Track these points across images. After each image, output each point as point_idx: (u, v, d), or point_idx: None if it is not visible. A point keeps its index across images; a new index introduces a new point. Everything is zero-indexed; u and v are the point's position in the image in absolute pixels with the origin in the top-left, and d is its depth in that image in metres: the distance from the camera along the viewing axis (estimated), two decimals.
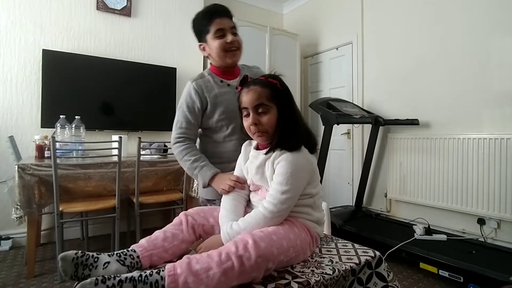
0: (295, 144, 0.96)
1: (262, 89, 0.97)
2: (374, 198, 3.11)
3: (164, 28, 3.12)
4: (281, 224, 0.93)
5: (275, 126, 0.97)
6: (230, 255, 0.76)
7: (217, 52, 1.25)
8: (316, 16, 3.77)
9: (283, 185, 0.91)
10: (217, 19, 1.24)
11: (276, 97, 0.97)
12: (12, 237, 2.42)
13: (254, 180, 1.04)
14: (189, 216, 1.01)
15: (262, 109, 0.97)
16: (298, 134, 0.97)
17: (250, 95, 0.97)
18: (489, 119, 2.28)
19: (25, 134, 2.49)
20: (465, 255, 1.95)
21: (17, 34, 2.47)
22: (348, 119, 2.57)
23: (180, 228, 0.97)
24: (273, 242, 0.83)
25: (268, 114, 0.97)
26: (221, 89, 1.29)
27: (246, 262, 0.76)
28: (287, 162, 0.93)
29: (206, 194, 1.32)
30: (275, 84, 0.99)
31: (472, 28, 2.36)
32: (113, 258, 0.84)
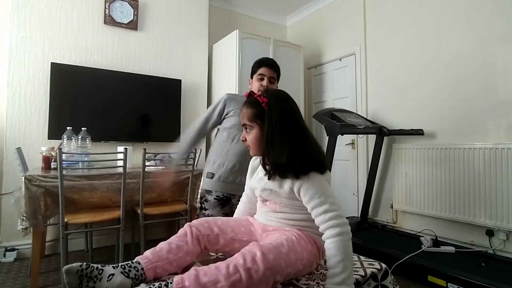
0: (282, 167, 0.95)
1: (246, 110, 1.03)
2: (380, 209, 3.07)
3: (169, 41, 3.17)
4: (288, 236, 0.93)
5: (257, 143, 1.02)
6: (238, 268, 0.76)
7: (253, 89, 1.64)
8: (319, 28, 3.82)
9: (323, 203, 0.91)
10: (263, 67, 1.65)
11: (258, 116, 1.00)
12: (17, 249, 2.42)
13: (263, 196, 1.07)
14: (193, 227, 1.00)
15: (248, 128, 1.05)
16: (285, 153, 0.94)
17: (240, 115, 1.07)
18: (495, 128, 2.27)
19: (32, 145, 2.52)
20: (475, 267, 1.91)
21: (26, 48, 2.54)
22: (352, 130, 2.57)
23: (185, 239, 0.97)
24: (281, 254, 0.83)
25: (250, 133, 1.04)
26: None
27: (254, 274, 0.76)
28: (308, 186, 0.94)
29: (206, 185, 1.63)
30: (260, 103, 1.00)
31: (476, 38, 2.37)
32: (117, 270, 0.84)
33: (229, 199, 1.62)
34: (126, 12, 2.93)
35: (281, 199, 1.02)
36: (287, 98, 1.05)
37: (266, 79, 1.63)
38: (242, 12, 3.94)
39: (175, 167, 1.75)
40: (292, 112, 1.02)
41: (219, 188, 1.60)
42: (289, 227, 1.00)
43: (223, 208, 1.62)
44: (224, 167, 1.60)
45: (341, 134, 2.50)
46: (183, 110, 3.12)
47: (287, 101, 1.04)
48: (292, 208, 1.01)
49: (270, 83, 1.64)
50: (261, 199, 1.09)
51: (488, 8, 2.30)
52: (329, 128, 2.56)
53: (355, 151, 3.36)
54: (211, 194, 1.61)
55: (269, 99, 1.00)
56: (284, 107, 1.01)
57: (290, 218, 1.01)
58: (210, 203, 1.61)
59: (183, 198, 2.52)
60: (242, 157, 1.57)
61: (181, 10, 3.24)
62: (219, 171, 1.60)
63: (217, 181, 1.60)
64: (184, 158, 1.77)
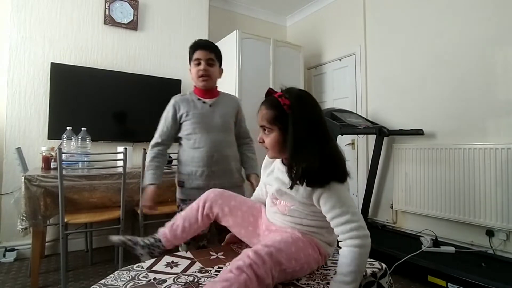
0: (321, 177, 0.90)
1: (266, 111, 0.97)
2: (380, 209, 3.07)
3: (169, 41, 3.18)
4: (283, 236, 0.94)
5: (276, 147, 0.97)
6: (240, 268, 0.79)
7: (193, 76, 1.57)
8: (319, 28, 3.82)
9: (345, 213, 0.88)
10: (197, 50, 1.53)
11: (279, 119, 0.94)
12: (17, 249, 2.42)
13: (276, 195, 1.04)
14: (207, 203, 1.13)
15: (267, 130, 0.98)
16: (315, 160, 0.89)
17: (259, 115, 0.99)
18: (495, 128, 2.27)
19: (32, 145, 2.52)
20: (475, 267, 1.92)
21: (26, 48, 2.54)
22: (352, 130, 2.57)
23: (196, 216, 1.13)
24: (273, 251, 0.86)
25: (269, 135, 0.97)
26: (196, 105, 1.55)
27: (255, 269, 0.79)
28: (329, 195, 0.90)
29: (180, 195, 1.57)
30: (282, 105, 0.93)
31: (476, 38, 2.37)
32: (145, 251, 1.08)
33: None
34: (126, 12, 2.93)
35: (294, 202, 0.99)
36: (310, 100, 0.97)
37: (203, 62, 1.52)
38: (242, 12, 3.95)
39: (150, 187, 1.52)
40: (317, 117, 0.96)
41: (192, 197, 1.43)
42: (293, 230, 0.99)
43: None
44: (193, 175, 1.50)
45: (341, 134, 2.50)
46: None
47: (311, 103, 0.97)
48: (302, 213, 0.99)
49: (208, 65, 1.53)
50: (272, 197, 1.07)
51: (488, 9, 2.31)
52: (329, 128, 2.55)
53: (355, 151, 3.36)
54: (186, 203, 1.48)
55: (292, 101, 0.93)
56: (308, 111, 0.94)
57: (297, 223, 0.99)
58: None
59: None
60: (207, 161, 1.49)
61: (181, 10, 3.24)
62: (189, 179, 1.52)
63: (189, 189, 1.52)
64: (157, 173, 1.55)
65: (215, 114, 1.56)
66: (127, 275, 0.95)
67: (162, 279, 0.92)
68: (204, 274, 0.96)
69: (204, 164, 1.49)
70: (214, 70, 1.57)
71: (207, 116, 1.54)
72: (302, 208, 0.98)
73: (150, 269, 0.99)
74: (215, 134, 1.53)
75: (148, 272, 0.97)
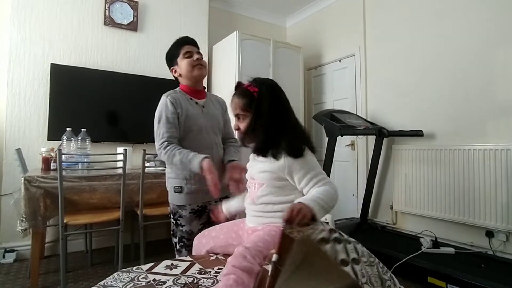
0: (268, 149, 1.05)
1: (238, 100, 1.11)
2: (380, 210, 3.07)
3: (169, 42, 3.09)
4: (265, 230, 1.02)
5: (250, 130, 1.09)
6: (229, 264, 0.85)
7: (186, 67, 1.49)
8: (319, 29, 3.82)
9: (316, 176, 1.01)
10: (185, 45, 1.53)
11: (250, 105, 1.08)
12: (16, 250, 2.42)
13: (250, 173, 1.16)
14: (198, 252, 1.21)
15: (240, 117, 1.12)
16: (270, 133, 1.05)
17: (232, 105, 1.13)
18: (495, 129, 2.27)
19: (32, 146, 2.52)
20: (474, 268, 1.91)
21: (26, 49, 2.54)
22: (352, 131, 2.57)
23: None
24: (260, 242, 0.94)
25: (244, 121, 1.11)
26: (191, 106, 1.50)
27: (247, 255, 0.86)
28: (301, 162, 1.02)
29: (177, 200, 1.46)
30: (251, 92, 1.08)
31: (476, 39, 2.38)
32: None
33: (205, 207, 1.50)
34: (126, 13, 2.93)
35: (264, 180, 1.07)
36: (275, 86, 1.13)
37: (195, 53, 1.52)
38: (242, 13, 3.95)
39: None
40: (280, 99, 1.11)
41: (192, 201, 1.45)
42: (267, 219, 1.07)
43: (200, 219, 1.48)
44: (191, 179, 1.43)
45: (341, 135, 2.50)
46: None
47: (276, 88, 1.13)
48: (269, 195, 1.07)
49: (199, 54, 1.54)
50: (248, 185, 1.17)
51: (487, 10, 2.31)
52: (328, 129, 2.56)
53: (355, 152, 3.36)
54: (185, 209, 1.45)
55: (260, 88, 1.09)
56: (273, 95, 1.10)
57: (266, 211, 1.08)
58: (185, 219, 1.46)
59: None
60: (217, 169, 1.39)
61: (181, 11, 3.25)
62: (187, 184, 1.44)
63: (188, 194, 1.45)
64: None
65: (208, 115, 1.54)
66: (127, 277, 0.95)
67: (162, 281, 0.92)
68: (203, 275, 0.96)
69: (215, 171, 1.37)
70: (205, 63, 1.56)
71: (202, 118, 1.50)
72: (270, 186, 1.06)
73: (150, 270, 0.99)
74: (212, 136, 1.52)
75: (147, 274, 0.97)
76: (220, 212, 1.29)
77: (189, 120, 1.46)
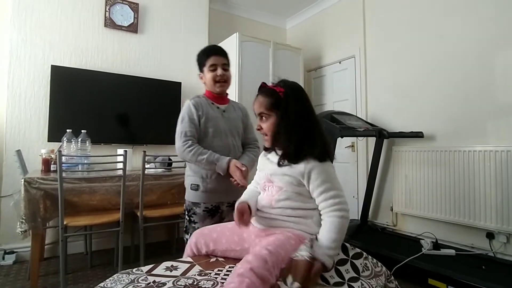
0: (297, 153, 1.01)
1: (263, 99, 1.08)
2: (380, 212, 3.07)
3: (169, 44, 3.18)
4: (277, 236, 0.98)
5: (273, 131, 1.06)
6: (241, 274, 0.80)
7: (209, 81, 1.57)
8: (319, 30, 3.83)
9: (333, 189, 0.99)
10: (212, 56, 1.56)
11: (276, 105, 1.05)
12: (16, 251, 2.41)
13: (268, 175, 1.10)
14: (193, 249, 1.16)
15: (264, 116, 1.09)
16: (295, 141, 1.01)
17: (256, 104, 1.10)
18: (495, 131, 2.27)
19: (32, 148, 2.52)
20: (475, 270, 1.91)
21: (27, 51, 2.54)
22: (352, 132, 2.57)
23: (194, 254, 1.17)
24: (273, 251, 0.88)
25: (267, 121, 1.08)
26: (212, 110, 1.58)
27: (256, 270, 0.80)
28: (320, 169, 1.00)
29: (192, 198, 1.54)
30: (277, 92, 1.05)
31: (476, 40, 2.38)
32: None
33: (218, 207, 1.56)
34: (127, 15, 2.94)
35: (283, 184, 1.04)
36: (301, 90, 1.11)
37: (220, 67, 1.56)
38: (242, 15, 3.96)
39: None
40: (306, 103, 1.08)
41: (207, 200, 1.52)
42: (284, 223, 1.04)
43: (212, 218, 1.54)
44: (208, 178, 1.50)
45: (341, 136, 2.50)
46: None
47: (302, 92, 1.10)
48: (289, 200, 1.04)
49: (224, 70, 1.57)
50: (262, 185, 1.13)
51: (487, 11, 2.31)
52: (329, 131, 2.55)
53: (355, 153, 3.36)
54: (199, 207, 1.53)
55: (286, 89, 1.06)
56: (299, 98, 1.07)
57: (284, 214, 1.05)
58: (199, 216, 1.53)
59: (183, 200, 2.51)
60: None
61: (181, 13, 3.25)
62: (203, 182, 1.51)
63: (204, 193, 1.52)
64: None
65: (228, 120, 1.61)
66: (127, 278, 0.94)
67: (162, 282, 0.91)
68: (203, 277, 0.96)
69: (242, 166, 1.46)
70: (229, 74, 1.62)
71: (222, 122, 1.58)
72: (290, 192, 1.03)
73: (150, 272, 0.99)
74: (230, 139, 1.58)
75: (147, 275, 0.97)
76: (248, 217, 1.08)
77: (208, 122, 1.54)
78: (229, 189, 1.48)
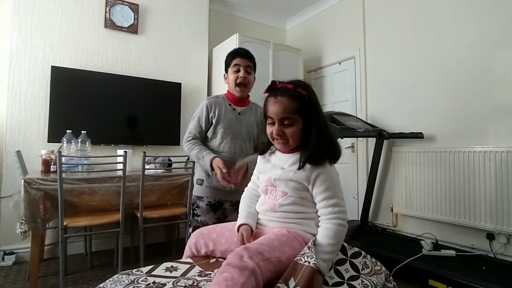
0: (321, 157, 0.99)
1: (289, 102, 0.98)
2: (380, 213, 3.07)
3: (169, 45, 3.19)
4: (265, 237, 0.97)
5: (298, 137, 1.01)
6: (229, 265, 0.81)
7: (231, 83, 1.60)
8: (319, 31, 3.83)
9: (335, 197, 0.99)
10: (237, 57, 1.59)
11: (302, 109, 0.99)
12: (16, 252, 2.41)
13: (272, 180, 1.05)
14: (193, 249, 1.14)
15: (288, 121, 1.00)
16: (322, 146, 0.99)
17: (277, 107, 0.99)
18: (495, 131, 2.27)
19: (32, 148, 2.52)
20: (475, 271, 1.91)
21: (27, 52, 2.54)
22: (352, 133, 2.57)
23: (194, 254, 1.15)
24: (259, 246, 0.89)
25: (293, 126, 1.00)
26: (227, 111, 1.60)
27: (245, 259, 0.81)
28: (326, 176, 0.99)
29: (197, 192, 1.61)
30: (303, 95, 0.99)
31: (476, 41, 2.38)
32: None
33: (221, 204, 1.60)
34: (127, 16, 2.94)
35: (287, 189, 1.02)
36: (313, 90, 1.08)
37: (243, 69, 1.58)
38: (242, 16, 3.96)
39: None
40: (319, 104, 1.06)
41: (210, 194, 1.58)
42: (286, 225, 1.03)
43: (215, 213, 1.59)
44: (213, 175, 1.51)
45: (341, 137, 2.50)
46: (183, 113, 3.12)
47: (314, 92, 1.06)
48: (292, 205, 1.02)
49: (247, 73, 1.59)
50: (264, 189, 1.10)
51: (488, 12, 2.32)
52: None
53: (355, 154, 3.36)
54: (202, 200, 1.58)
55: (308, 91, 1.01)
56: (316, 100, 1.05)
57: (287, 217, 1.03)
58: (202, 209, 1.58)
59: (183, 201, 2.52)
60: (228, 164, 1.47)
61: (181, 14, 3.26)
62: (208, 178, 1.56)
63: (208, 188, 1.57)
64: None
65: (242, 123, 1.61)
66: (126, 279, 0.94)
67: (162, 283, 0.91)
68: (203, 277, 0.96)
69: (223, 167, 1.46)
70: (251, 78, 1.63)
71: (235, 123, 1.59)
72: (294, 197, 1.02)
73: (150, 273, 0.99)
74: (239, 142, 1.58)
75: (147, 276, 0.96)
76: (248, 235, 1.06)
77: (220, 123, 1.57)
78: (232, 189, 1.49)
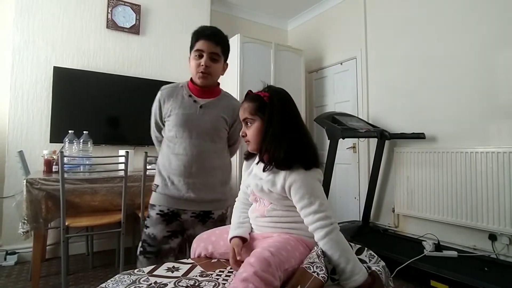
0: (285, 160, 0.96)
1: (248, 104, 1.04)
2: (382, 213, 3.06)
3: (171, 45, 3.19)
4: (276, 238, 0.96)
5: (258, 136, 1.02)
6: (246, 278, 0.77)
7: (192, 70, 1.35)
8: (320, 32, 3.83)
9: (312, 204, 0.93)
10: (201, 39, 1.29)
11: (261, 110, 1.02)
12: (18, 252, 2.42)
13: (254, 191, 1.06)
14: (195, 254, 1.15)
15: (249, 122, 1.05)
16: (285, 147, 0.97)
17: (240, 111, 1.07)
18: (496, 132, 2.26)
19: (34, 149, 2.52)
20: (477, 272, 1.90)
21: (30, 52, 2.55)
22: (353, 133, 2.57)
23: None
24: (275, 252, 0.86)
25: (251, 126, 1.04)
26: (184, 103, 1.35)
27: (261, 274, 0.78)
28: (300, 183, 0.95)
29: (151, 199, 1.39)
30: (262, 97, 1.03)
31: (477, 41, 2.38)
32: None
33: (177, 215, 1.34)
34: (129, 17, 2.95)
35: (271, 199, 1.02)
36: (287, 94, 1.08)
37: (206, 56, 1.28)
38: (244, 16, 3.96)
39: None
40: (291, 108, 1.05)
41: (163, 202, 1.33)
42: (278, 230, 1.02)
43: (168, 225, 1.33)
44: (169, 182, 1.32)
45: (342, 137, 2.50)
46: None
47: (287, 96, 1.07)
48: (280, 212, 1.02)
49: (211, 60, 1.29)
50: (253, 198, 1.11)
51: (489, 12, 2.31)
52: (330, 132, 2.56)
53: (356, 154, 3.35)
54: (153, 209, 1.34)
55: (271, 93, 1.03)
56: (285, 102, 1.04)
57: (278, 221, 1.03)
58: (151, 220, 1.34)
59: None
60: (185, 172, 1.31)
61: (183, 15, 3.26)
62: (163, 185, 1.34)
63: (162, 194, 1.33)
64: None
65: (205, 117, 1.34)
66: (128, 279, 0.94)
67: (163, 283, 0.91)
68: (205, 278, 0.96)
69: (181, 174, 1.30)
70: (217, 67, 1.33)
71: (194, 118, 1.32)
72: (280, 206, 1.02)
73: (151, 273, 0.99)
74: (200, 141, 1.32)
75: (149, 276, 0.97)
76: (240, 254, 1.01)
77: (177, 120, 1.32)
78: (192, 198, 1.31)
